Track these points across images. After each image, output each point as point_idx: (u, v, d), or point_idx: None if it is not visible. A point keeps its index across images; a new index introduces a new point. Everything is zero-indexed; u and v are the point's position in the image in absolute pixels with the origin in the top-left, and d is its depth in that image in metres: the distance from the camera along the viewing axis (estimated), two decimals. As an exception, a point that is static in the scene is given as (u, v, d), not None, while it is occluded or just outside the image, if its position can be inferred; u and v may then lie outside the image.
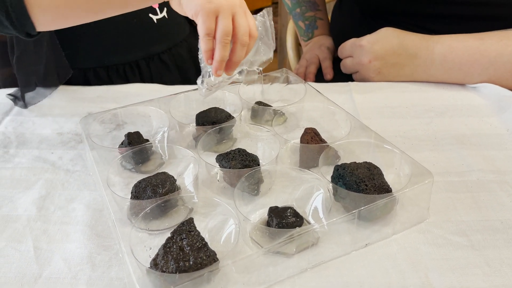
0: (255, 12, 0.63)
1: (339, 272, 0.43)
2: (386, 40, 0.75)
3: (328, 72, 0.97)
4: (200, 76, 0.60)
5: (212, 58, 0.54)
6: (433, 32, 0.74)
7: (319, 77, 0.97)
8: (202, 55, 0.56)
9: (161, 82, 0.79)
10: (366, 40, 0.76)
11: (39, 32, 0.54)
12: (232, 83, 0.64)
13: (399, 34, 0.75)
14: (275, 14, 2.70)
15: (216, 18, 0.53)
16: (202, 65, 0.59)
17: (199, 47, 0.56)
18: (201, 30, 0.53)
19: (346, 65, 0.81)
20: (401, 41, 0.74)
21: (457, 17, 0.78)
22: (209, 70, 0.59)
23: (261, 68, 0.62)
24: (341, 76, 0.84)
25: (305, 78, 0.95)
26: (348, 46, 0.80)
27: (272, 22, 0.64)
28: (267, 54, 0.63)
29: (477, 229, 0.47)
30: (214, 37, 0.54)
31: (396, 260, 0.44)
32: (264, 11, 0.65)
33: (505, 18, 0.74)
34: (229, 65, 0.56)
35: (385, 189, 0.47)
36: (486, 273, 0.42)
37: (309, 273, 0.43)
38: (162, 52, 0.85)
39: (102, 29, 0.77)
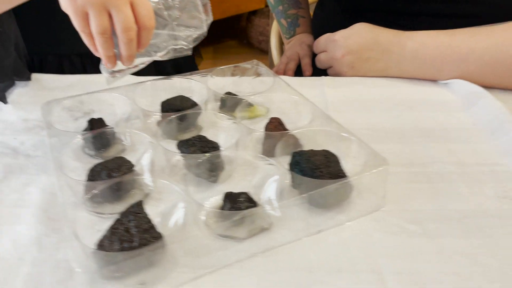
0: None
1: (289, 257, 0.42)
2: (360, 35, 0.75)
3: (307, 69, 0.97)
4: (101, 62, 0.56)
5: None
6: (411, 30, 0.74)
7: (299, 75, 0.97)
8: None
9: (136, 73, 0.79)
10: (340, 34, 0.76)
11: None
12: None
13: (373, 29, 0.75)
14: (267, 16, 2.71)
15: (87, 14, 0.49)
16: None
17: None
18: (76, 26, 0.50)
19: (321, 60, 0.81)
20: (374, 36, 0.74)
21: (434, 15, 0.78)
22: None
23: (190, 46, 0.59)
24: (320, 73, 0.84)
25: (284, 75, 0.95)
26: (323, 41, 0.80)
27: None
28: (198, 29, 0.58)
29: (433, 218, 0.47)
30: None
31: (348, 247, 0.43)
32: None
33: (478, 16, 0.74)
34: (121, 59, 0.53)
35: (340, 176, 0.47)
36: (437, 261, 0.42)
37: (259, 257, 0.42)
38: None
39: None
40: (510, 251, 0.42)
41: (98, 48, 0.51)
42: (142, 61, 0.56)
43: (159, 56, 0.56)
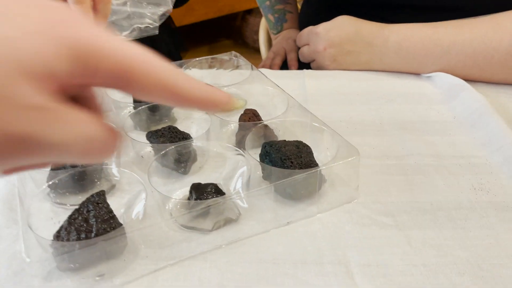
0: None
1: (255, 248, 0.41)
2: (342, 28, 0.74)
3: (293, 64, 0.96)
4: None
5: None
6: (395, 23, 0.73)
7: (285, 69, 0.96)
8: None
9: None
10: (322, 27, 0.75)
11: None
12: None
13: (355, 22, 0.74)
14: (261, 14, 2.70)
15: None
16: None
17: None
18: None
19: (303, 53, 0.80)
20: (356, 29, 0.73)
21: (418, 8, 0.77)
22: None
23: (156, 24, 0.56)
24: (305, 67, 0.83)
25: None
26: (305, 34, 0.79)
27: None
28: (163, 4, 0.56)
29: (405, 210, 0.45)
30: None
31: (316, 238, 0.42)
32: None
33: (462, 9, 0.73)
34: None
35: (312, 167, 0.46)
36: (406, 252, 0.41)
37: (224, 249, 0.41)
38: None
39: None
40: (480, 243, 0.41)
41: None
42: None
43: (124, 36, 0.53)
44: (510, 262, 0.39)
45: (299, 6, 1.13)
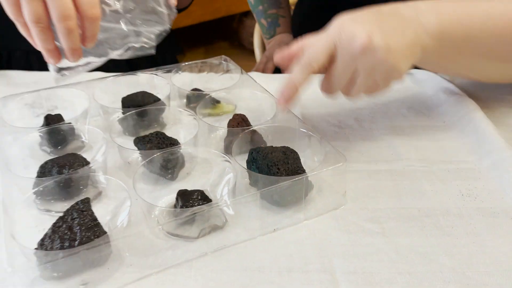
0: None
1: (240, 256, 0.41)
2: (359, 17, 0.52)
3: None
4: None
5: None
6: None
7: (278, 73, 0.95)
8: None
9: (106, 69, 0.77)
10: (363, 39, 0.46)
11: None
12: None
13: (360, 11, 0.56)
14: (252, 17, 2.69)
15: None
16: None
17: None
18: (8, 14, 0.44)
19: (357, 91, 0.51)
20: (375, 10, 0.52)
21: None
22: None
23: (153, 43, 0.53)
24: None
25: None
26: (342, 67, 0.48)
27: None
28: (159, 24, 0.53)
29: (392, 217, 0.45)
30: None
31: (303, 246, 0.42)
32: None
33: None
34: (66, 55, 0.47)
35: (299, 173, 0.46)
36: (393, 260, 0.41)
37: (209, 257, 0.41)
38: None
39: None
40: (467, 250, 0.41)
41: (35, 39, 0.45)
42: (94, 60, 0.51)
43: (116, 55, 0.52)
44: (495, 270, 0.39)
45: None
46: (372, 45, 0.44)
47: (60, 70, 0.49)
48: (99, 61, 0.51)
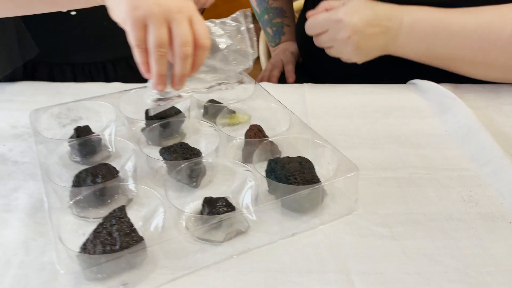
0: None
1: (263, 258, 0.45)
2: (362, 11, 0.72)
3: (290, 76, 1.00)
4: (147, 86, 0.53)
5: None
6: None
7: (283, 81, 0.99)
8: None
9: (123, 80, 0.81)
10: (343, 13, 0.71)
11: None
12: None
13: (371, 5, 0.73)
14: (255, 21, 2.72)
15: (146, 26, 0.46)
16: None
17: None
18: (130, 40, 0.47)
19: (322, 42, 0.76)
20: (374, 12, 0.72)
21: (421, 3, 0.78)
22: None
23: (240, 79, 0.56)
24: (302, 79, 0.86)
25: (268, 81, 0.97)
26: (321, 22, 0.74)
27: (252, 26, 0.56)
28: (243, 63, 0.55)
29: (400, 221, 0.49)
30: (146, 49, 0.47)
31: (319, 248, 0.46)
32: (238, 13, 0.58)
33: (466, 2, 0.75)
34: (173, 80, 0.50)
35: (314, 182, 0.50)
36: (401, 261, 0.45)
37: (235, 259, 0.45)
38: (130, 56, 0.85)
39: (72, 27, 0.78)
40: (470, 252, 0.45)
41: (152, 64, 0.47)
42: (187, 90, 0.53)
43: (204, 89, 0.54)
44: (495, 270, 0.43)
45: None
46: (345, 22, 0.70)
47: (158, 100, 0.52)
48: (188, 95, 0.54)
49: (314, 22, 0.75)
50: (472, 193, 0.54)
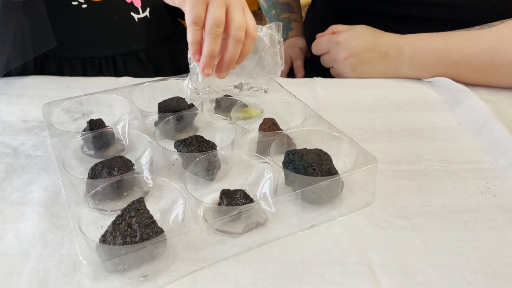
0: None
1: (284, 250, 0.45)
2: (361, 37, 0.77)
3: (299, 71, 0.99)
4: (188, 77, 0.54)
5: (200, 53, 0.48)
6: (400, 32, 0.77)
7: (292, 76, 0.99)
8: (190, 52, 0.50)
9: (134, 74, 0.81)
10: (343, 36, 0.78)
11: None
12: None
13: (373, 32, 0.77)
14: (261, 18, 2.72)
15: (207, 6, 0.47)
16: (191, 65, 0.53)
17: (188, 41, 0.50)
18: (188, 18, 0.47)
19: (324, 61, 0.83)
20: (374, 40, 0.76)
21: (423, 19, 0.80)
22: (197, 70, 0.52)
23: (266, 87, 0.58)
24: (311, 74, 0.86)
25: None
26: (324, 42, 0.81)
27: (282, 39, 0.58)
28: (273, 71, 0.57)
29: (419, 213, 0.49)
30: (203, 28, 0.48)
31: (339, 240, 0.46)
32: (272, 24, 0.60)
33: (466, 22, 0.76)
34: (220, 65, 0.50)
35: (332, 173, 0.49)
36: (422, 253, 0.44)
37: (255, 251, 0.45)
38: (141, 50, 0.86)
39: (83, 21, 0.78)
40: (490, 244, 0.45)
41: (206, 43, 0.47)
42: (223, 88, 0.56)
43: (236, 89, 0.56)
44: (517, 261, 0.43)
45: (303, 15, 1.16)
46: (343, 44, 0.77)
47: (196, 90, 0.54)
48: (219, 91, 0.56)
49: (318, 43, 0.82)
50: (490, 185, 0.53)
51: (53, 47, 0.72)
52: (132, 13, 0.81)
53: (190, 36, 0.48)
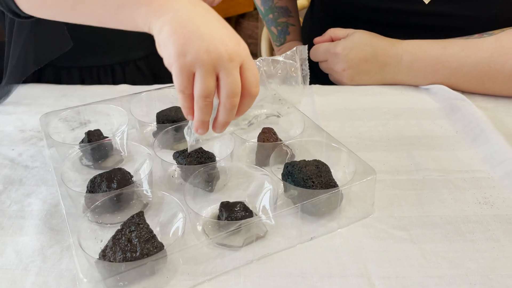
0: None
1: (283, 263, 0.45)
2: (359, 48, 0.77)
3: (297, 76, 1.00)
4: (187, 126, 0.51)
5: (193, 114, 0.45)
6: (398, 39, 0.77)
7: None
8: None
9: (132, 82, 0.80)
10: (341, 47, 0.77)
11: (31, 16, 0.55)
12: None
13: (371, 40, 0.77)
14: (256, 19, 2.73)
15: (193, 75, 0.43)
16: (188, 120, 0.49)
17: None
18: (175, 85, 0.45)
19: (322, 68, 0.82)
20: (373, 50, 0.76)
21: (421, 28, 0.81)
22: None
23: (279, 113, 0.55)
24: (310, 80, 0.86)
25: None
26: (322, 52, 0.80)
27: (306, 58, 0.53)
28: (294, 98, 0.54)
29: (418, 224, 0.49)
30: (191, 95, 0.44)
31: (339, 253, 0.46)
32: (296, 48, 0.56)
33: (466, 31, 0.77)
34: (215, 126, 0.47)
35: (331, 185, 0.50)
36: (422, 264, 0.45)
37: (255, 264, 0.45)
38: (139, 59, 0.86)
39: (81, 31, 0.77)
40: (488, 255, 0.45)
41: (195, 112, 0.45)
42: (228, 132, 0.53)
43: (245, 125, 0.53)
44: (516, 273, 0.43)
45: (301, 20, 1.16)
46: (341, 56, 0.76)
47: (197, 140, 0.51)
48: (229, 134, 0.54)
49: (316, 52, 0.81)
50: (487, 195, 0.54)
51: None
52: None
53: (180, 102, 0.46)
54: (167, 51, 0.44)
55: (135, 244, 0.42)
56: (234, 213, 0.47)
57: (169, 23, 0.44)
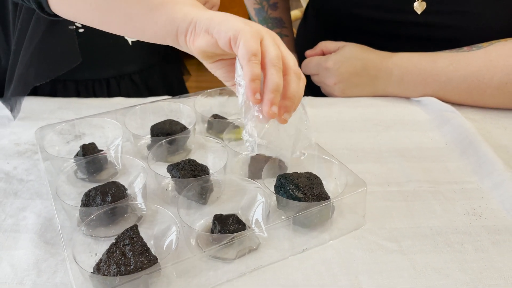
0: None
1: (276, 275, 0.45)
2: (350, 62, 0.78)
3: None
4: (244, 131, 0.47)
5: (261, 91, 0.43)
6: (389, 50, 0.79)
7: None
8: (243, 97, 0.44)
9: (126, 94, 0.81)
10: (332, 62, 0.79)
11: (57, 15, 0.56)
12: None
13: (362, 54, 0.79)
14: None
15: (261, 41, 0.43)
16: (243, 117, 0.46)
17: (237, 81, 0.45)
18: (244, 52, 0.42)
19: (314, 80, 0.84)
20: (363, 64, 0.78)
21: (415, 38, 0.82)
22: (256, 113, 0.45)
23: (305, 153, 0.57)
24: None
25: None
26: (313, 65, 0.82)
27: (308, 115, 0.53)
28: (308, 138, 0.52)
29: (408, 236, 0.50)
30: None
31: (331, 264, 0.47)
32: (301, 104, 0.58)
33: (457, 41, 0.78)
34: (283, 104, 0.44)
35: (323, 197, 0.50)
36: (411, 275, 0.45)
37: (247, 277, 0.45)
38: (134, 72, 0.87)
39: (79, 44, 0.78)
40: (477, 266, 0.46)
41: (268, 77, 0.43)
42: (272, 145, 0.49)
43: (290, 152, 0.51)
44: (504, 283, 0.44)
45: (294, 30, 1.18)
46: (332, 70, 0.79)
47: (253, 147, 0.48)
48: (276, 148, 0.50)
49: (308, 66, 0.83)
50: (476, 206, 0.55)
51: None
52: (126, 37, 0.82)
53: (250, 69, 0.42)
54: (228, 26, 0.44)
55: (129, 257, 0.42)
56: (227, 225, 0.47)
57: (218, 13, 0.46)
